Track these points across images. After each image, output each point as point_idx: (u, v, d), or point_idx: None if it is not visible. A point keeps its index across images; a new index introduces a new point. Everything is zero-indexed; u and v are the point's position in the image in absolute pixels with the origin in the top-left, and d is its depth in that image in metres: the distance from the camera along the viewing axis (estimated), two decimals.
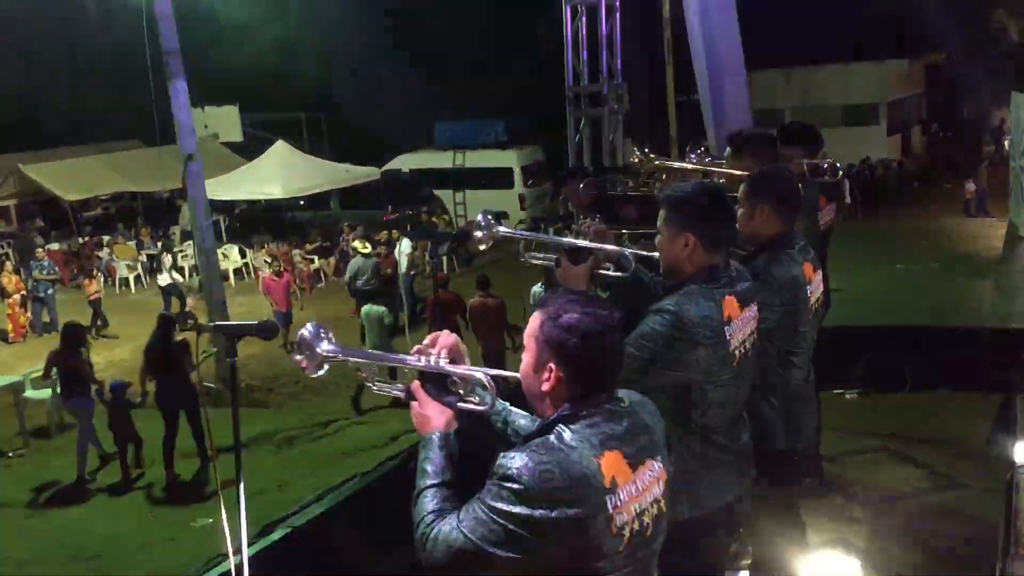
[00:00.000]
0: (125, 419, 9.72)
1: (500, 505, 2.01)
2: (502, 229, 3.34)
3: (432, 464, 2.19)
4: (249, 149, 25.89)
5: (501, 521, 2.00)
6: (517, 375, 2.28)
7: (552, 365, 2.14)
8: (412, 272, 16.76)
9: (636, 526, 2.13)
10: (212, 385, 11.87)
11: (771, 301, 3.47)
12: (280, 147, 22.28)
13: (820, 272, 3.82)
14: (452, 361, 2.31)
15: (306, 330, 2.35)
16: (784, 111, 25.12)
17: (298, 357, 2.35)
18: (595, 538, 2.04)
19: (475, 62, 29.49)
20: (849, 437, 6.10)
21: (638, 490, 2.14)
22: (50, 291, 17.43)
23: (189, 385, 9.58)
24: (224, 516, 2.90)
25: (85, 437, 9.86)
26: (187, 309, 15.81)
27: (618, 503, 2.07)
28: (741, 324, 2.99)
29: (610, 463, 2.08)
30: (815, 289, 3.74)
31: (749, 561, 4.10)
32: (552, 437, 2.08)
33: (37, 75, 29.93)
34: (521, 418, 2.46)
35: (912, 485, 5.42)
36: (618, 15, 8.17)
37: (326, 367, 2.36)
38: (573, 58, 8.30)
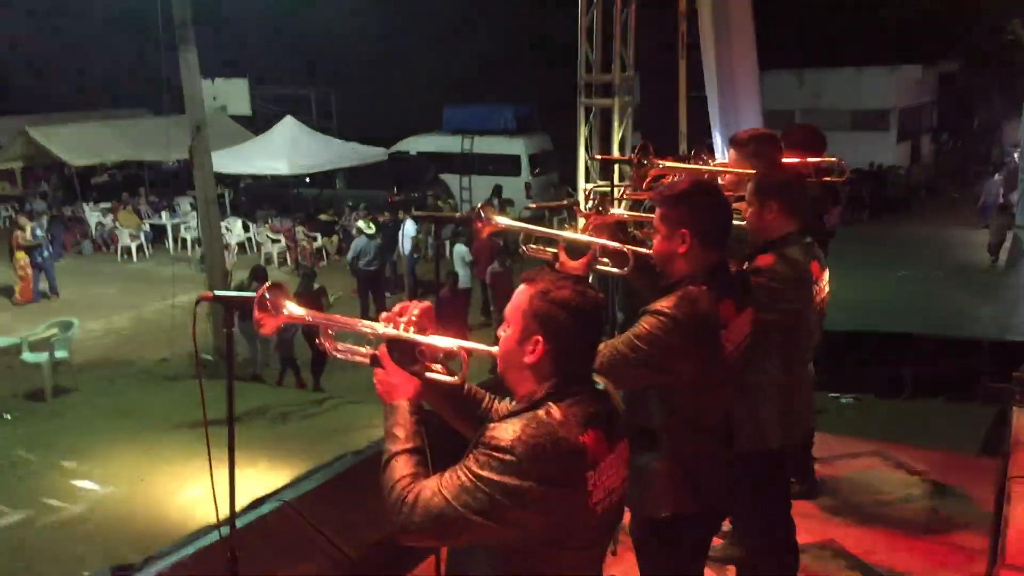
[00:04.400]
0: (288, 345, 12.34)
1: (488, 474, 2.02)
2: (501, 220, 3.30)
3: (403, 429, 2.18)
4: (257, 123, 25.83)
5: (487, 490, 2.02)
6: (492, 349, 2.28)
7: (539, 338, 2.16)
8: (416, 255, 16.75)
9: (607, 504, 2.19)
10: (209, 357, 11.88)
11: (777, 299, 3.45)
12: (288, 123, 22.23)
13: (827, 272, 3.81)
14: (422, 331, 2.28)
15: (271, 290, 2.34)
16: (795, 113, 25.01)
17: (259, 315, 2.32)
18: (574, 513, 2.10)
19: (487, 47, 29.38)
20: (843, 440, 6.10)
21: (612, 470, 2.20)
22: (47, 254, 17.26)
23: None
24: (214, 487, 2.89)
25: (258, 350, 12.81)
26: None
27: (596, 481, 2.13)
28: (737, 328, 2.96)
29: (593, 441, 2.13)
30: (822, 288, 3.73)
31: (738, 559, 4.12)
32: (541, 412, 2.11)
33: (48, 39, 29.82)
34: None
35: (903, 491, 5.42)
36: (633, 6, 8.10)
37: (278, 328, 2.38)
38: (586, 47, 8.24)
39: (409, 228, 16.52)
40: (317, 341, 2.45)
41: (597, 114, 8.44)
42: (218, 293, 2.64)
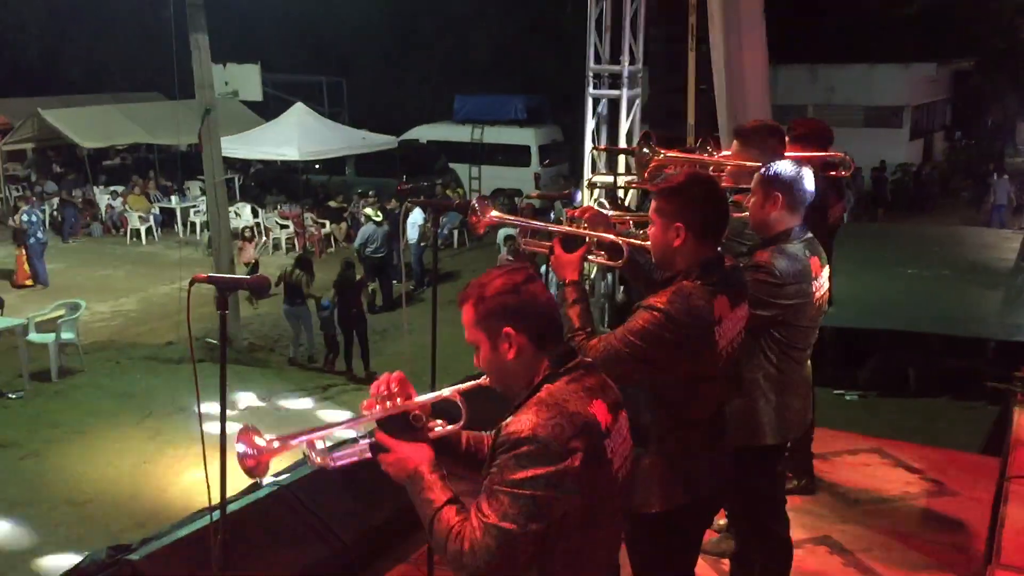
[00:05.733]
0: (331, 325, 12.67)
1: (521, 475, 2.01)
2: (494, 214, 3.29)
3: (432, 492, 2.12)
4: (268, 109, 25.84)
5: (528, 491, 2.00)
6: (480, 381, 2.28)
7: (508, 331, 2.17)
8: (423, 244, 16.74)
9: (624, 471, 2.24)
10: (213, 341, 11.90)
11: (776, 294, 3.44)
12: (299, 109, 22.22)
13: (827, 268, 3.78)
14: (407, 398, 2.23)
15: (242, 441, 2.09)
16: (808, 107, 24.92)
17: (249, 464, 2.09)
18: (603, 483, 2.14)
19: (498, 37, 29.30)
20: (843, 437, 6.08)
21: (620, 437, 2.24)
22: (38, 235, 16.98)
23: (362, 311, 12.72)
24: (207, 472, 2.89)
25: (302, 334, 13.03)
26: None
27: (612, 448, 2.18)
28: (731, 324, 2.94)
29: (600, 412, 2.16)
30: (821, 284, 3.70)
31: (732, 553, 4.12)
32: (543, 394, 2.13)
33: (60, 20, 29.86)
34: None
35: (902, 489, 5.40)
36: None
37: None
38: (595, 38, 8.22)
39: (416, 216, 16.50)
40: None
41: (605, 105, 8.43)
42: (212, 275, 2.64)
